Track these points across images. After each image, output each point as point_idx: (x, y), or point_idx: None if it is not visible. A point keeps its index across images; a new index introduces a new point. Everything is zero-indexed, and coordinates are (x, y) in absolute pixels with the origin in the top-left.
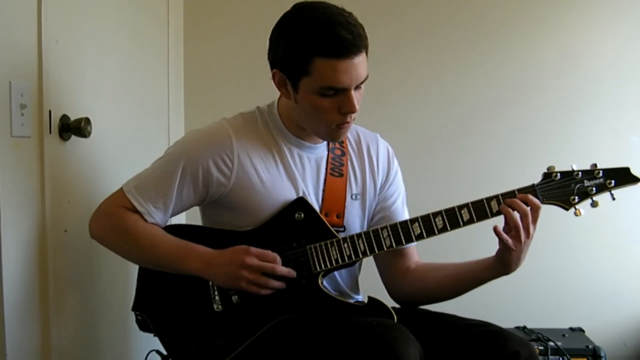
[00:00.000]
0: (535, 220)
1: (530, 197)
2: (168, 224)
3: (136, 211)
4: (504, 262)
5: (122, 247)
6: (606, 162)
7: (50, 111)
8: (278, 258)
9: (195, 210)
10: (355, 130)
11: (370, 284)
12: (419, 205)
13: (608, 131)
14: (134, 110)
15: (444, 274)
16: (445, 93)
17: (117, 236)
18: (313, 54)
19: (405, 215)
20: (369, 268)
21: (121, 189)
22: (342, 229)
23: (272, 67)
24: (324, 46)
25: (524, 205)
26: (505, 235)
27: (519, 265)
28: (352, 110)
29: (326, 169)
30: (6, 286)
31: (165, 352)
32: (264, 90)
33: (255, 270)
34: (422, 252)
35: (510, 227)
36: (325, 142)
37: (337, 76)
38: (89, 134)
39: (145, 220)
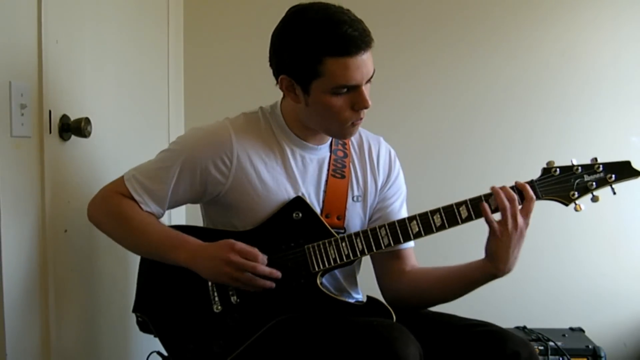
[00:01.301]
0: (527, 213)
1: (527, 187)
2: (169, 224)
3: (132, 199)
4: (492, 255)
5: (116, 231)
6: (605, 160)
7: (50, 111)
8: (260, 256)
9: (196, 211)
10: (359, 132)
11: (370, 284)
12: (421, 205)
13: (608, 131)
14: (134, 110)
15: (437, 275)
16: (445, 93)
17: (111, 220)
18: (323, 55)
19: (403, 216)
20: (369, 268)
21: (121, 177)
22: (343, 231)
23: (278, 74)
24: (334, 46)
25: (511, 192)
26: (490, 215)
27: (510, 268)
28: (366, 105)
29: (328, 170)
30: (6, 286)
31: (166, 353)
32: (264, 90)
33: (238, 268)
34: (422, 253)
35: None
36: (328, 144)
37: (350, 74)
38: (89, 134)
39: (141, 209)
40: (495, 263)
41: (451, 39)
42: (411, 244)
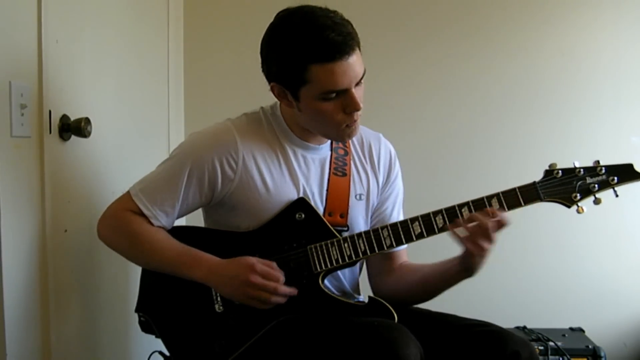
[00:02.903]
0: (499, 229)
1: (497, 211)
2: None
3: (142, 214)
4: (468, 267)
5: (128, 250)
6: (607, 162)
7: (50, 111)
8: (282, 278)
9: (196, 211)
10: (359, 130)
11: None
12: (422, 206)
13: (609, 131)
14: (134, 110)
15: (417, 276)
16: (447, 94)
17: (122, 240)
18: (307, 62)
19: (400, 218)
20: None
21: (128, 192)
22: (346, 229)
23: (269, 81)
24: (317, 53)
25: (484, 220)
26: (459, 237)
27: (481, 268)
28: (357, 108)
29: (329, 168)
30: (6, 286)
31: (167, 353)
32: (264, 90)
33: (258, 289)
34: (422, 254)
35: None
36: (329, 143)
37: (336, 79)
38: (89, 134)
39: (152, 224)
40: (470, 272)
41: (453, 41)
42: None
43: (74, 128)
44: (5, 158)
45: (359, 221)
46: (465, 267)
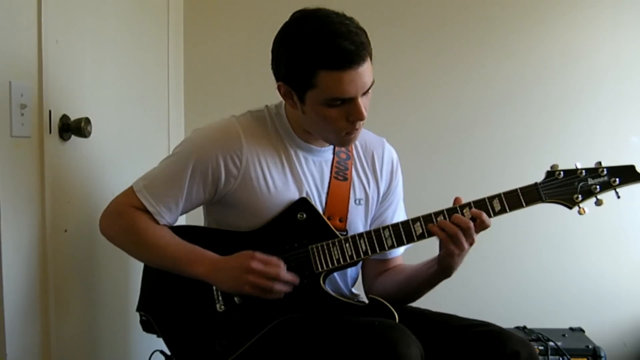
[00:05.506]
0: (478, 232)
1: (483, 215)
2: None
3: (146, 211)
4: (445, 267)
5: (130, 247)
6: (606, 162)
7: (50, 111)
8: (282, 264)
9: (196, 210)
10: (362, 135)
11: None
12: (421, 205)
13: (608, 131)
14: (134, 110)
15: (402, 276)
16: (445, 93)
17: (125, 236)
18: (316, 67)
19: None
20: None
21: (131, 187)
22: (345, 233)
23: (276, 80)
24: (327, 59)
25: (466, 220)
26: (444, 236)
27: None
28: (361, 118)
29: (331, 172)
30: (6, 286)
31: (168, 353)
32: (264, 90)
33: (260, 275)
34: (422, 254)
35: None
36: (332, 146)
37: (343, 87)
38: (89, 134)
39: (155, 220)
40: (448, 273)
41: (451, 39)
42: (400, 250)
43: (74, 128)
44: (5, 158)
45: (358, 226)
46: (442, 267)
